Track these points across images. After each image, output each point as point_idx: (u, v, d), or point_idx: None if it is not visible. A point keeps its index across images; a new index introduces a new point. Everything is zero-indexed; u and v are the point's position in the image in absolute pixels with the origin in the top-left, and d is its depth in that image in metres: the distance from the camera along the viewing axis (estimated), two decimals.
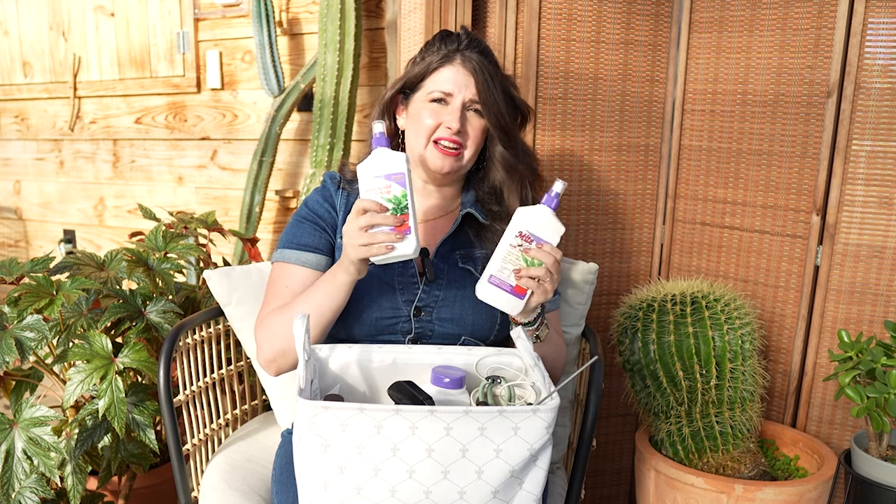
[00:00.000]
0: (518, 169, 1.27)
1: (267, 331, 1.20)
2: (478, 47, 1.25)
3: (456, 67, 1.22)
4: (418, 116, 1.23)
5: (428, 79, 1.24)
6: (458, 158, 1.23)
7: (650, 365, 1.47)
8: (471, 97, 1.21)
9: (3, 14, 3.30)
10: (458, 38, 1.25)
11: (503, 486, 0.93)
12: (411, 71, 1.26)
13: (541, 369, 1.03)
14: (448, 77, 1.22)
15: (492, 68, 1.24)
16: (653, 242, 1.84)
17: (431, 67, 1.23)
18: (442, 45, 1.25)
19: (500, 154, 1.26)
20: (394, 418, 0.89)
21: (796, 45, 1.59)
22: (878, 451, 1.45)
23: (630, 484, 1.94)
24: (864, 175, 1.54)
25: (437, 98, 1.22)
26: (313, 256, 1.23)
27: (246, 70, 2.74)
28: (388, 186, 1.07)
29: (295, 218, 1.28)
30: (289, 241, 1.26)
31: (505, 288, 1.10)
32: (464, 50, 1.23)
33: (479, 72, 1.21)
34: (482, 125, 1.24)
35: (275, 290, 1.24)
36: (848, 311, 1.59)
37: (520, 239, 1.10)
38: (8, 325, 1.42)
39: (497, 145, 1.26)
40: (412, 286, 1.22)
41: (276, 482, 1.19)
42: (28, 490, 1.38)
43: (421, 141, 1.23)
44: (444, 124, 1.21)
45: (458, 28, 1.29)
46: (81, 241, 3.36)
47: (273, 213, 2.77)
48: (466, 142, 1.23)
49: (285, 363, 1.20)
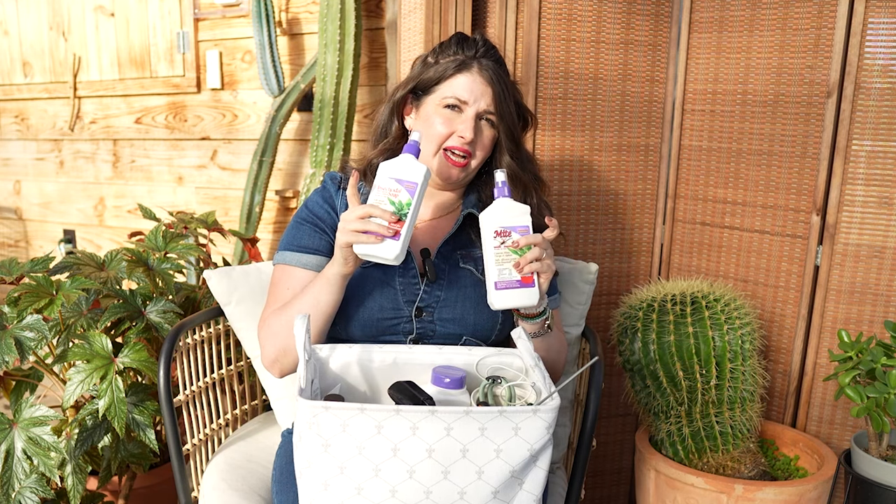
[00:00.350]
0: (522, 178, 1.26)
1: (268, 331, 1.20)
2: (494, 56, 1.24)
3: (473, 76, 1.21)
4: (430, 122, 1.22)
5: (443, 84, 1.22)
6: (466, 168, 1.23)
7: (650, 365, 1.47)
8: (486, 107, 1.21)
9: (3, 14, 3.30)
10: (476, 44, 1.23)
11: (503, 487, 0.93)
12: (424, 73, 1.24)
13: (541, 369, 1.03)
14: (464, 85, 1.21)
15: (507, 78, 1.24)
16: (653, 242, 1.84)
17: (448, 73, 1.22)
18: (459, 49, 1.23)
19: (507, 164, 1.25)
20: (394, 418, 0.89)
21: (796, 45, 1.59)
22: (878, 451, 1.45)
23: (630, 484, 1.94)
24: (864, 175, 1.54)
25: (451, 104, 1.21)
26: (313, 258, 1.23)
27: (246, 70, 2.74)
28: (397, 190, 1.07)
29: (295, 219, 1.28)
30: (289, 242, 1.25)
31: (514, 286, 1.09)
32: (481, 58, 1.22)
33: (495, 82, 1.20)
34: (493, 135, 1.23)
35: (276, 292, 1.24)
36: (848, 311, 1.59)
37: (500, 238, 1.10)
38: (8, 325, 1.42)
39: (505, 155, 1.25)
40: (413, 286, 1.21)
41: (276, 482, 1.19)
42: (28, 490, 1.38)
43: (431, 147, 1.22)
44: (456, 133, 1.20)
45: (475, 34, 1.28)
46: (81, 241, 3.36)
47: (273, 213, 2.77)
48: (476, 151, 1.22)
49: (288, 362, 1.20)
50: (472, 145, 1.21)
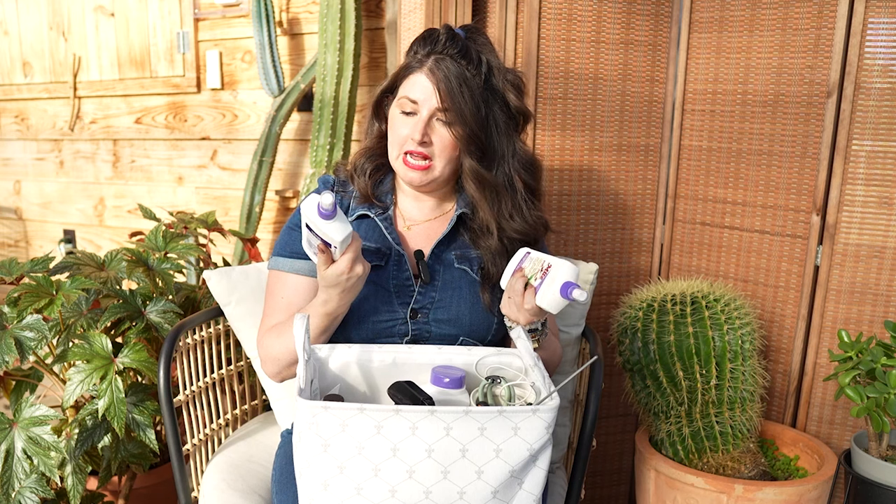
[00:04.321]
0: (491, 181, 1.20)
1: (268, 352, 1.22)
2: (455, 47, 1.16)
3: (425, 74, 1.16)
4: (392, 125, 1.21)
5: (400, 85, 1.20)
6: (428, 171, 1.19)
7: (650, 365, 1.47)
8: (436, 106, 1.15)
9: (3, 14, 3.30)
10: (436, 39, 1.17)
11: (503, 486, 0.93)
12: (397, 73, 1.23)
13: (541, 369, 1.03)
14: (416, 84, 1.17)
15: (467, 73, 1.15)
16: (653, 242, 1.84)
17: (403, 74, 1.20)
18: (420, 46, 1.19)
19: (470, 167, 1.19)
20: (394, 418, 0.89)
21: (796, 45, 1.59)
22: (878, 451, 1.45)
23: (630, 484, 1.94)
24: (864, 175, 1.54)
25: (407, 110, 1.18)
26: (306, 264, 1.22)
27: (246, 70, 2.74)
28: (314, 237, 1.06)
29: (288, 225, 1.27)
30: (282, 248, 1.25)
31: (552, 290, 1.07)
32: (439, 53, 1.16)
33: (445, 79, 1.14)
34: (450, 135, 1.17)
35: (272, 301, 1.25)
36: (848, 311, 1.59)
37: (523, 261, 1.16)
38: (8, 325, 1.42)
39: (466, 158, 1.19)
40: (408, 289, 1.21)
41: (276, 482, 1.19)
42: (28, 490, 1.38)
43: (394, 151, 1.21)
44: (408, 135, 1.18)
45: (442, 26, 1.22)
46: (81, 241, 3.36)
47: (273, 213, 2.77)
48: (434, 153, 1.17)
49: (288, 374, 1.22)
50: (426, 147, 1.17)
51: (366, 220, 1.25)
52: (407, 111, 1.18)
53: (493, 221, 1.21)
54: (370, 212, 1.24)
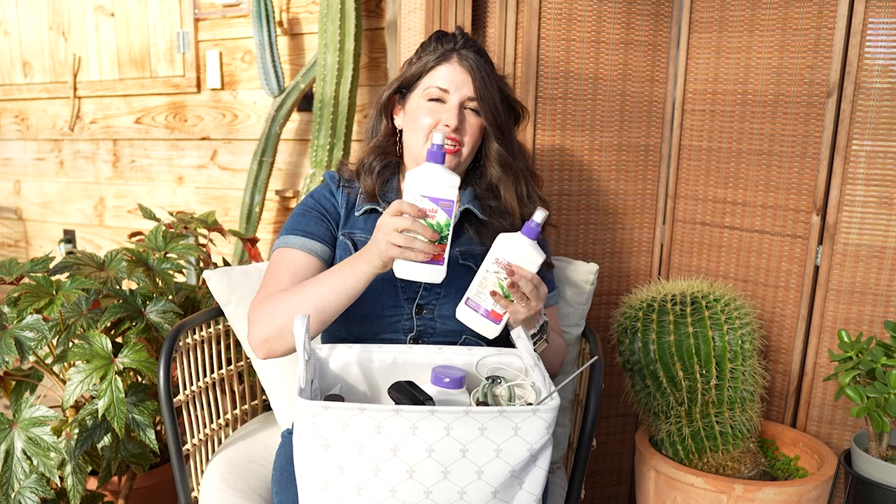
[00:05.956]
0: (513, 165, 1.28)
1: (266, 308, 1.16)
2: (473, 47, 1.25)
3: (453, 66, 1.23)
4: (416, 115, 1.24)
5: (425, 77, 1.24)
6: (457, 155, 1.23)
7: (650, 365, 1.47)
8: (468, 95, 1.22)
9: (3, 14, 3.30)
10: (454, 37, 1.26)
11: (503, 486, 0.93)
12: (408, 71, 1.27)
13: (541, 369, 1.03)
14: (445, 75, 1.23)
15: (488, 67, 1.25)
16: (653, 242, 1.84)
17: (428, 66, 1.24)
18: (438, 44, 1.25)
19: (496, 151, 1.27)
20: (394, 418, 0.89)
21: (796, 45, 1.59)
22: (878, 451, 1.45)
23: (630, 484, 1.94)
24: (864, 175, 1.54)
25: (434, 97, 1.23)
26: (318, 244, 1.23)
27: (246, 70, 2.74)
28: (433, 210, 1.02)
29: (301, 207, 1.29)
30: (294, 227, 1.25)
31: (481, 312, 1.10)
32: (460, 49, 1.24)
33: (476, 69, 1.22)
34: (479, 123, 1.24)
35: (275, 273, 1.21)
36: (848, 311, 1.59)
37: (496, 265, 1.08)
38: (8, 325, 1.42)
39: (493, 143, 1.27)
40: (413, 284, 1.22)
41: (276, 482, 1.19)
42: (28, 490, 1.38)
43: (419, 139, 1.23)
44: (441, 122, 1.22)
45: (455, 28, 1.30)
46: (81, 241, 3.36)
47: (273, 213, 2.77)
48: (464, 139, 1.23)
49: (278, 345, 1.15)
50: (459, 133, 1.22)
51: (374, 214, 1.27)
52: (434, 97, 1.23)
53: (514, 200, 1.28)
54: (378, 207, 1.27)
